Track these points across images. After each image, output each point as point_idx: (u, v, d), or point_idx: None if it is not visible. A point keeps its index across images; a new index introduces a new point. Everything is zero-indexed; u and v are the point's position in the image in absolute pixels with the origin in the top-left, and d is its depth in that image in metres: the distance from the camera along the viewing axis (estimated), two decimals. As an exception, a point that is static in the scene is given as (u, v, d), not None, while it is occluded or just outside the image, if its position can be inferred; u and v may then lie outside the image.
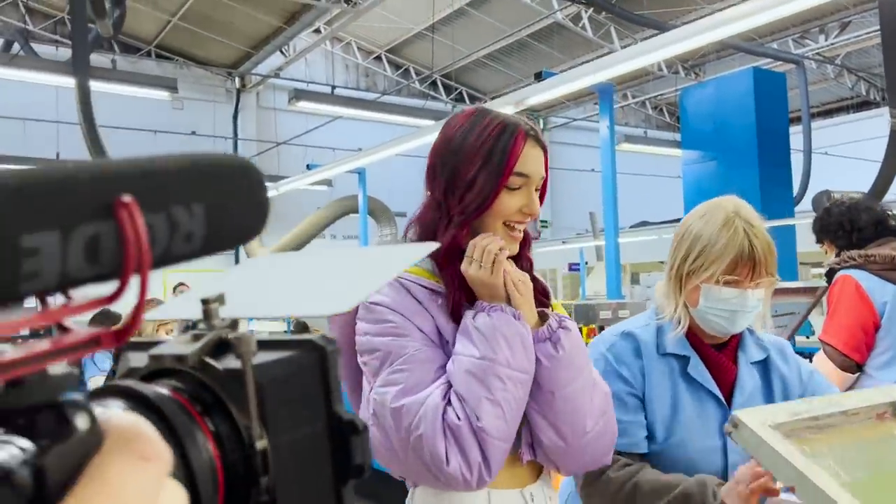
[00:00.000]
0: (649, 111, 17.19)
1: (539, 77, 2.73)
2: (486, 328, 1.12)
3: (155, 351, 0.34)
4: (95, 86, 6.83)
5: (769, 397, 1.46)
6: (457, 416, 1.08)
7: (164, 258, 0.29)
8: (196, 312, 0.35)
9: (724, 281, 1.36)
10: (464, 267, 1.17)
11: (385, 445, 1.12)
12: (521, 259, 1.27)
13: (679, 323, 1.44)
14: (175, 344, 0.34)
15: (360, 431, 0.35)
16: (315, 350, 0.35)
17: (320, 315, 0.38)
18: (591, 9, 11.50)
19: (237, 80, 13.74)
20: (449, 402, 1.10)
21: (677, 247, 1.44)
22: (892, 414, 1.17)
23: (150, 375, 0.34)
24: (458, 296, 1.18)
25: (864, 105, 15.13)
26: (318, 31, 12.44)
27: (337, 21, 11.72)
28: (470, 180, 1.17)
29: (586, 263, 12.04)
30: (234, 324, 0.34)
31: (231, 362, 0.33)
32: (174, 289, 8.83)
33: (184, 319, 0.37)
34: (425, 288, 1.19)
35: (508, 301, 1.17)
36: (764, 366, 1.48)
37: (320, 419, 0.34)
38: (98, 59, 9.02)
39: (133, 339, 0.30)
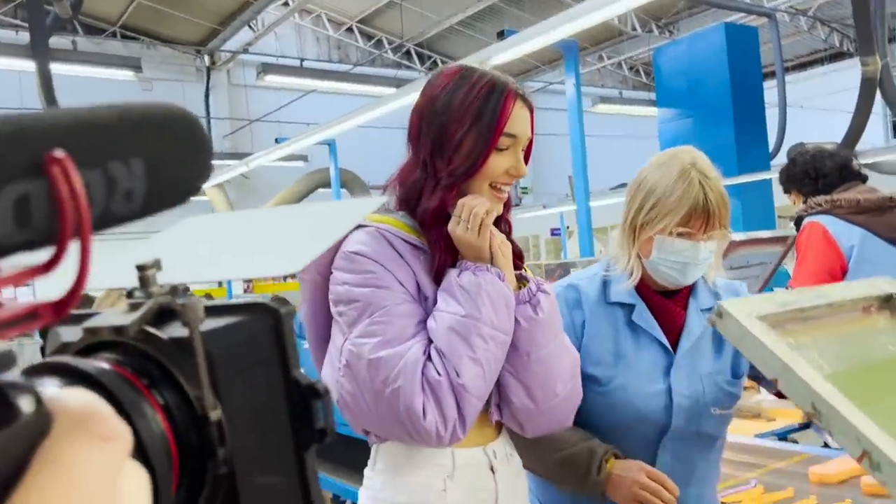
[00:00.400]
0: (625, 72, 17.10)
1: (501, 36, 2.68)
2: (471, 287, 1.12)
3: (89, 323, 0.31)
4: (58, 68, 6.67)
5: (719, 341, 1.46)
6: (437, 371, 1.09)
7: (103, 220, 0.26)
8: (131, 280, 0.32)
9: (677, 233, 1.35)
10: (451, 227, 1.16)
11: (357, 398, 1.11)
12: (501, 221, 1.26)
13: (631, 274, 1.43)
14: (111, 315, 0.32)
15: (322, 395, 0.33)
16: (268, 313, 0.33)
17: (269, 276, 0.35)
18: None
19: (206, 57, 13.50)
20: (429, 358, 1.10)
21: (632, 197, 1.43)
22: (878, 307, 1.17)
23: (86, 350, 0.31)
24: (444, 258, 1.18)
25: (837, 56, 15.13)
26: (286, 3, 12.21)
27: (304, -7, 11.51)
28: (458, 141, 1.15)
29: (567, 228, 12.06)
30: (173, 290, 0.32)
31: (176, 330, 0.31)
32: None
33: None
34: (407, 242, 1.18)
35: (492, 263, 1.17)
36: None
37: (277, 385, 0.33)
38: (59, 41, 8.80)
39: None
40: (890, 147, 10.31)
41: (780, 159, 9.28)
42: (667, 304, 1.44)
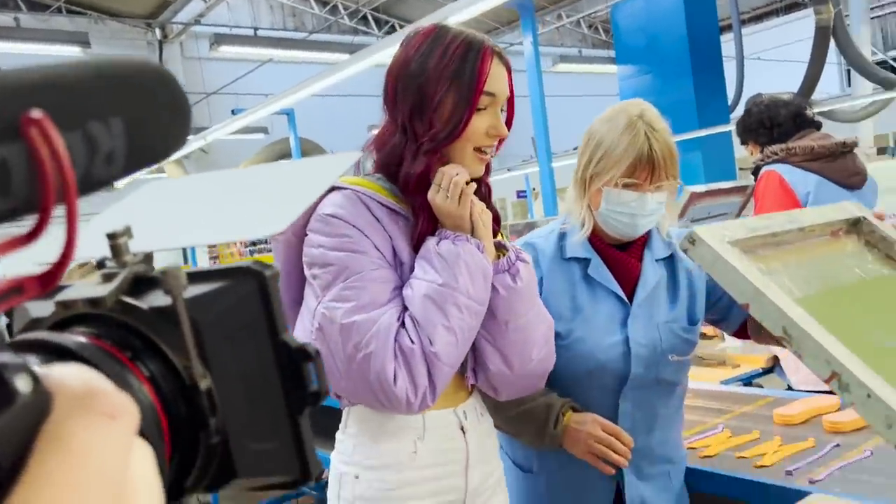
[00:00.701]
0: (585, 30, 17.03)
1: (457, -5, 2.66)
2: (449, 255, 1.11)
3: (62, 296, 0.30)
4: (1, 46, 6.44)
5: (674, 290, 1.49)
6: (410, 339, 1.09)
7: (85, 184, 0.25)
8: (102, 249, 0.31)
9: (623, 184, 1.37)
10: (430, 195, 1.15)
11: (328, 362, 1.11)
12: (481, 184, 1.24)
13: (583, 226, 1.45)
14: (83, 287, 0.30)
15: (313, 357, 0.32)
16: (253, 277, 0.32)
17: (245, 240, 0.34)
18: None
19: (158, 30, 13.12)
20: (403, 325, 1.10)
21: (583, 151, 1.44)
22: (846, 231, 1.20)
23: (59, 325, 0.30)
24: (427, 225, 1.17)
25: (793, 7, 15.23)
26: (236, -29, 11.90)
27: (255, -41, 11.21)
28: (438, 103, 1.13)
29: (533, 189, 12.10)
30: (148, 258, 0.31)
31: (157, 299, 0.30)
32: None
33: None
34: (384, 206, 1.16)
35: (472, 233, 1.16)
36: (670, 261, 1.50)
37: (267, 349, 0.32)
38: (2, 18, 8.47)
39: None
40: (845, 95, 10.47)
41: (740, 112, 9.38)
42: (621, 256, 1.46)
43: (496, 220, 1.26)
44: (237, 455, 0.30)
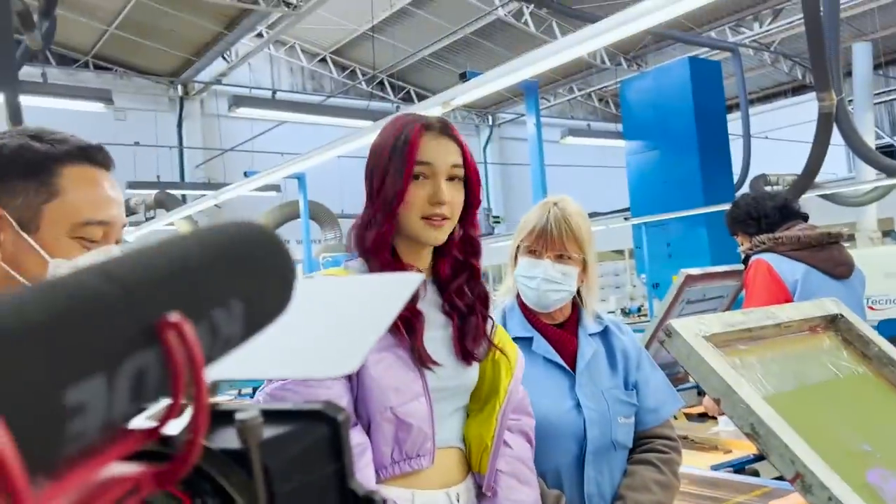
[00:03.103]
0: (595, 103, 17.40)
1: (464, 77, 2.77)
2: None
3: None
4: (27, 100, 6.64)
5: (611, 359, 1.64)
6: None
7: None
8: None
9: (526, 250, 1.59)
10: None
11: None
12: (468, 267, 1.29)
13: (511, 292, 1.66)
14: (145, 419, 0.28)
15: None
16: (325, 421, 0.31)
17: (323, 378, 0.35)
18: (532, 5, 11.59)
19: (180, 87, 13.50)
20: None
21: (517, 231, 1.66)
22: (825, 327, 1.22)
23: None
24: None
25: (801, 89, 15.53)
26: (260, 35, 12.29)
27: (279, 25, 11.59)
28: (382, 176, 1.22)
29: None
30: (214, 387, 0.30)
31: (227, 440, 0.28)
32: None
33: None
34: None
35: None
36: (603, 335, 1.67)
37: (334, 496, 0.31)
38: (31, 71, 8.78)
39: None
40: (849, 179, 10.57)
41: (746, 190, 9.49)
42: (558, 332, 1.63)
43: (484, 301, 1.30)
44: None
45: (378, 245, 1.22)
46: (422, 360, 1.19)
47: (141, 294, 0.22)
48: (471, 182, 1.27)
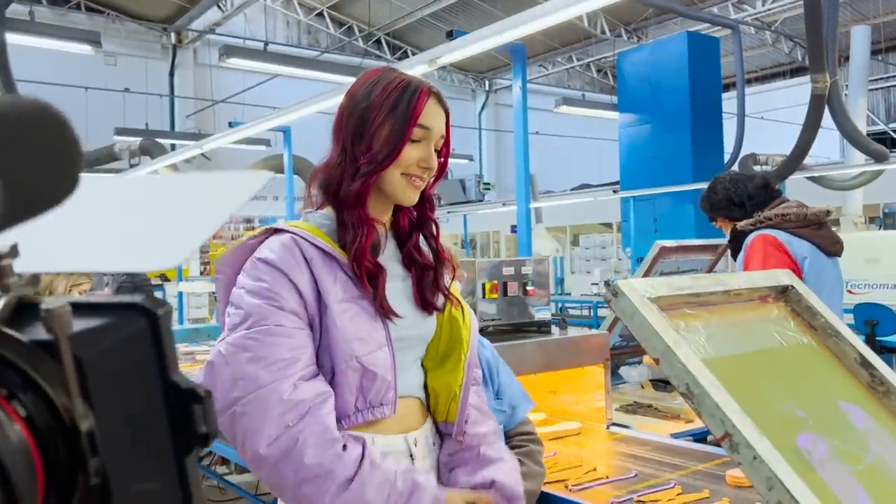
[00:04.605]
0: (594, 74, 17.28)
1: (450, 36, 2.73)
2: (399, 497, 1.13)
3: None
4: (13, 38, 6.53)
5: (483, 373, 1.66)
6: (286, 425, 1.09)
7: None
8: None
9: None
10: None
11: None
12: (427, 221, 1.30)
13: None
14: None
15: (203, 399, 0.32)
16: (144, 315, 0.31)
17: (138, 271, 0.34)
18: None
19: (173, 35, 13.28)
20: (285, 412, 1.10)
21: None
22: (774, 298, 1.21)
23: None
24: (364, 241, 1.20)
25: (799, 70, 15.46)
26: (256, -15, 12.09)
27: (275, -25, 11.40)
28: (376, 129, 1.21)
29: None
30: (34, 280, 0.30)
31: (39, 331, 0.28)
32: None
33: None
34: (318, 248, 1.20)
35: None
36: None
37: (155, 389, 0.31)
38: (17, 9, 8.60)
39: None
40: (838, 163, 10.59)
41: (737, 168, 9.50)
42: None
43: (444, 262, 1.31)
44: (118, 496, 0.29)
45: (358, 198, 1.21)
46: (384, 311, 1.20)
47: None
48: (444, 151, 1.29)
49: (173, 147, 10.39)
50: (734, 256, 2.60)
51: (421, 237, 1.31)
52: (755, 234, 2.47)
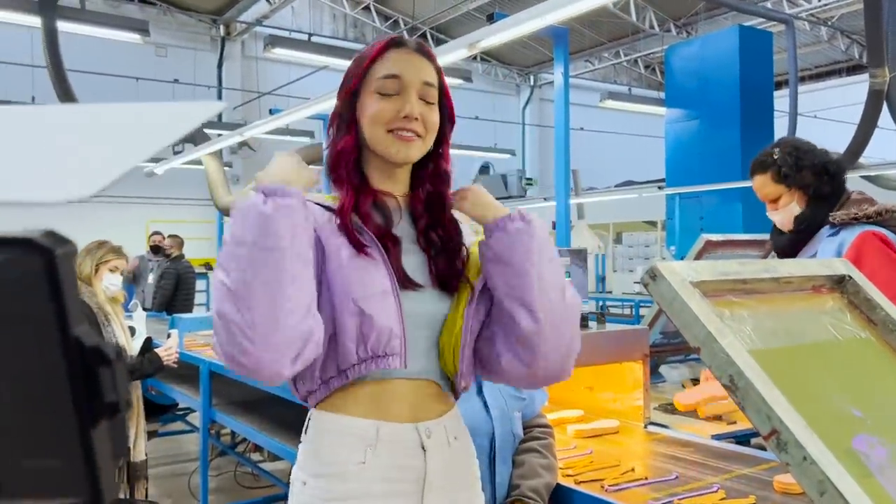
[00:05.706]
0: (641, 70, 16.98)
1: (491, 19, 2.65)
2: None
3: None
4: (65, 27, 6.67)
5: None
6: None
7: None
8: None
9: None
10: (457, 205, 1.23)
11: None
12: (439, 196, 1.24)
13: None
14: None
15: (111, 360, 0.27)
16: (37, 252, 0.25)
17: (46, 203, 0.26)
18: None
19: (222, 27, 13.47)
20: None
21: None
22: (830, 288, 1.12)
23: None
24: (349, 200, 1.17)
25: (856, 69, 14.97)
26: (303, -22, 12.17)
27: (322, -32, 11.45)
28: (351, 89, 1.21)
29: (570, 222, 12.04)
30: None
31: None
32: (149, 237, 8.69)
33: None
34: (320, 205, 1.18)
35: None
36: None
37: (53, 346, 0.26)
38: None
39: None
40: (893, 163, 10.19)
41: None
42: None
43: (458, 236, 1.23)
44: (4, 474, 0.25)
45: (336, 162, 1.20)
46: (401, 281, 1.14)
47: None
48: (447, 110, 1.24)
49: (219, 136, 10.54)
50: (781, 250, 2.16)
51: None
52: (863, 229, 2.00)
